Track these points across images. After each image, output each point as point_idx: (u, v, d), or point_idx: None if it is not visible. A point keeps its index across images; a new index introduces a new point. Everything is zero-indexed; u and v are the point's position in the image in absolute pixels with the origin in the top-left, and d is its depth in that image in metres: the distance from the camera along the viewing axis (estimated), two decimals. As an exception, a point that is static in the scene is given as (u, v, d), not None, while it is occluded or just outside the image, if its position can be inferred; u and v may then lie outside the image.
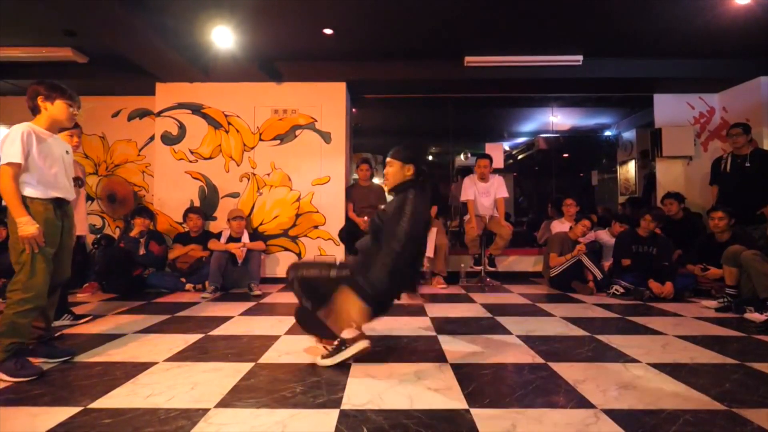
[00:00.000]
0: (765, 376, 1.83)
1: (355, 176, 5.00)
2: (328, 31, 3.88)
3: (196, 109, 4.78)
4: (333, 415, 1.46)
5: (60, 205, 2.07)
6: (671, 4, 3.41)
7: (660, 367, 1.93)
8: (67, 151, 2.19)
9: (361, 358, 2.06)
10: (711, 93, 5.02)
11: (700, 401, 1.57)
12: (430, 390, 1.68)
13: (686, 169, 5.05)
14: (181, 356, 2.11)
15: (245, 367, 1.95)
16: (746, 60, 4.41)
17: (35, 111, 2.06)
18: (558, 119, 6.37)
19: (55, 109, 2.07)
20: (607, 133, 6.85)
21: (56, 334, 2.41)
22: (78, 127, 2.85)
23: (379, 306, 1.97)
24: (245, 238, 4.23)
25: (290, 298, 3.77)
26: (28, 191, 1.93)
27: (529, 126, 6.98)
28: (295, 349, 2.23)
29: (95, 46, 4.04)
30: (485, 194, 4.56)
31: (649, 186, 5.54)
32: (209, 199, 4.76)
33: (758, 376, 1.83)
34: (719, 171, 4.15)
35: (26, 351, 1.96)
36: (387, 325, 2.71)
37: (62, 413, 1.48)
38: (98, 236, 4.94)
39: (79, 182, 2.85)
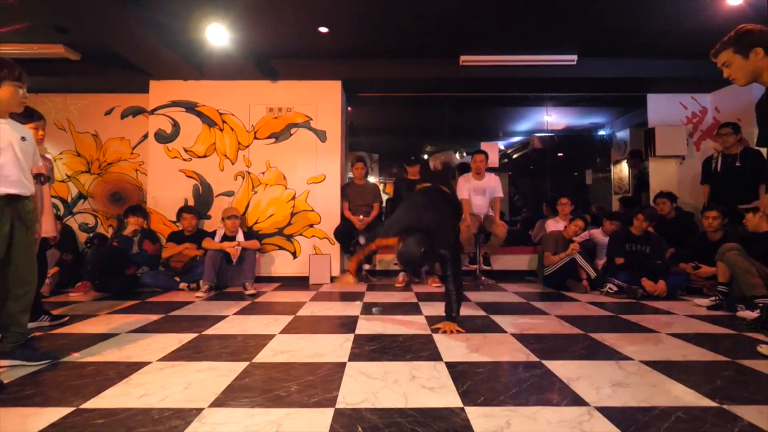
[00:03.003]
0: (755, 373, 1.85)
1: (351, 175, 5.00)
2: (323, 30, 3.87)
3: (191, 107, 4.75)
4: (328, 414, 1.46)
5: (11, 202, 1.86)
6: (665, 4, 3.43)
7: (653, 364, 1.95)
8: (23, 138, 1.92)
9: (356, 356, 2.06)
10: (703, 93, 5.06)
11: (691, 398, 1.58)
12: (425, 388, 1.68)
13: (679, 169, 5.10)
14: (175, 356, 2.10)
15: (240, 366, 1.94)
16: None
17: None
18: (553, 118, 6.40)
19: (3, 93, 1.83)
20: (601, 132, 6.89)
21: (31, 335, 2.30)
22: (42, 119, 2.59)
23: None
24: (240, 236, 4.21)
25: (285, 296, 3.77)
26: None
27: (524, 125, 7.01)
28: (290, 348, 2.22)
29: (88, 42, 4.00)
30: (480, 193, 4.56)
31: (640, 185, 5.58)
32: (203, 198, 4.73)
33: (748, 373, 1.85)
34: (710, 170, 4.19)
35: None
36: (382, 324, 2.71)
37: (54, 413, 1.47)
38: (91, 235, 4.91)
39: (43, 179, 2.70)
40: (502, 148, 7.38)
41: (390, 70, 4.60)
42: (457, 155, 6.94)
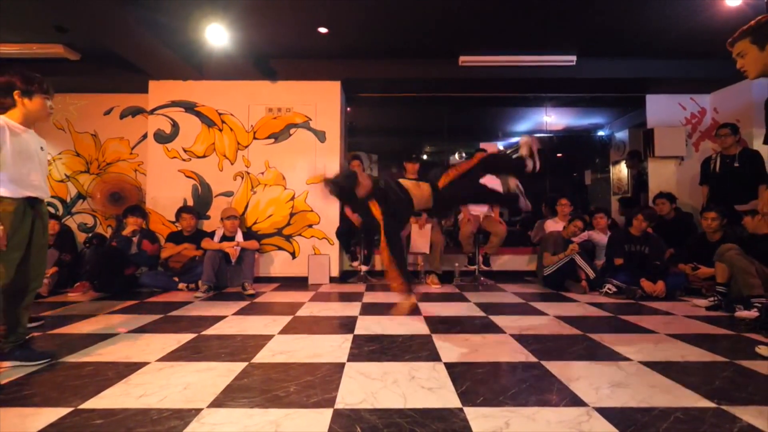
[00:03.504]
0: (753, 374, 1.85)
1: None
2: (323, 30, 3.87)
3: (190, 107, 4.75)
4: (327, 414, 1.46)
5: (33, 204, 1.99)
6: (664, 5, 3.44)
7: (651, 365, 1.95)
8: (42, 147, 2.09)
9: (355, 356, 2.06)
10: (702, 94, 5.07)
11: (690, 399, 1.58)
12: (424, 389, 1.68)
13: (678, 169, 5.10)
14: (174, 356, 2.10)
15: (238, 366, 1.94)
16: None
17: (7, 105, 1.95)
18: (552, 119, 6.40)
19: (34, 105, 1.98)
20: (601, 133, 6.90)
21: (29, 335, 2.28)
22: None
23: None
24: (239, 237, 4.21)
25: (284, 297, 3.77)
26: None
27: (523, 126, 7.01)
28: (289, 348, 2.22)
29: (87, 42, 4.00)
30: (480, 192, 4.56)
31: (639, 186, 5.59)
32: (203, 198, 4.73)
33: (747, 374, 1.85)
34: (708, 171, 4.19)
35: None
36: (381, 325, 2.71)
37: (52, 414, 1.46)
38: (90, 235, 4.90)
39: None
40: (501, 148, 7.38)
41: (389, 70, 4.60)
42: (456, 156, 6.95)
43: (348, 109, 5.43)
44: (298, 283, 4.56)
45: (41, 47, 3.98)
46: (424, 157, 7.45)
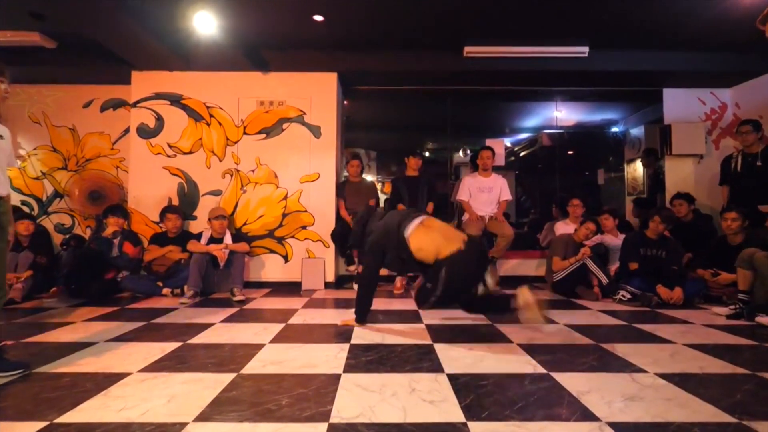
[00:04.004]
0: (777, 387, 1.86)
1: (346, 173, 5.01)
2: (318, 18, 3.87)
3: (176, 100, 4.75)
4: (321, 429, 1.46)
5: None
6: (682, -7, 3.46)
7: (668, 377, 1.95)
8: (1, 136, 2.01)
9: (351, 367, 2.06)
10: (723, 88, 5.09)
11: (709, 413, 1.59)
12: (425, 402, 1.68)
13: (696, 168, 5.12)
14: (158, 366, 2.10)
15: (227, 377, 1.94)
16: (760, 54, 4.47)
17: None
18: (562, 114, 6.41)
19: None
20: (615, 129, 6.91)
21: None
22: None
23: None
24: (227, 239, 4.21)
25: (275, 303, 3.77)
26: None
27: (531, 121, 7.02)
28: (281, 358, 2.22)
29: (66, 30, 3.98)
30: (486, 191, 4.57)
31: (655, 186, 5.60)
32: (189, 197, 4.73)
33: (770, 387, 1.86)
34: (729, 170, 4.21)
35: None
36: (380, 333, 2.71)
37: (26, 428, 1.46)
38: (67, 236, 4.89)
39: None
40: (509, 145, 7.39)
41: (389, 61, 4.61)
42: (461, 153, 6.96)
43: (345, 102, 5.44)
44: (291, 288, 4.56)
45: (15, 34, 3.97)
46: (426, 154, 7.46)
